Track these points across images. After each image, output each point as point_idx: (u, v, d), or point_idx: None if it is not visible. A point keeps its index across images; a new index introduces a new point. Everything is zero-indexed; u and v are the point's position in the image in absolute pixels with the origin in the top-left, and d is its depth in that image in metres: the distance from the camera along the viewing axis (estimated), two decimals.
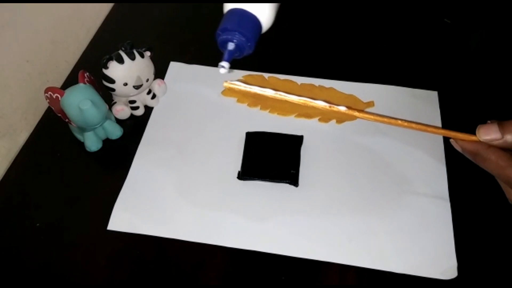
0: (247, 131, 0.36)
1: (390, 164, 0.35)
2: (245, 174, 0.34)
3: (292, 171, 0.34)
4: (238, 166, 0.35)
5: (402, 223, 0.31)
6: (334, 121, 0.38)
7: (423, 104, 0.39)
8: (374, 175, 0.34)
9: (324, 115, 0.38)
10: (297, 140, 0.36)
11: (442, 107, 0.39)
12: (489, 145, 0.24)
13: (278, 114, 0.38)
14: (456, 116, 0.38)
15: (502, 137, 0.23)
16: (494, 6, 0.47)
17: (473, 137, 0.24)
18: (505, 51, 0.44)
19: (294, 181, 0.33)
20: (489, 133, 0.24)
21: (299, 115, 0.38)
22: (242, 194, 0.33)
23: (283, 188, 0.33)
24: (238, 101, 0.39)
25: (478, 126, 0.24)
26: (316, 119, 0.38)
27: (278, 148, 0.35)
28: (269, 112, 0.39)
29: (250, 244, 0.30)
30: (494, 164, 0.23)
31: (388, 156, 0.35)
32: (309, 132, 0.37)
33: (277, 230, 0.31)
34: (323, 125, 0.38)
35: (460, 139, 0.25)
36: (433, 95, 0.40)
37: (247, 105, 0.39)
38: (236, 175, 0.34)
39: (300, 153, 0.35)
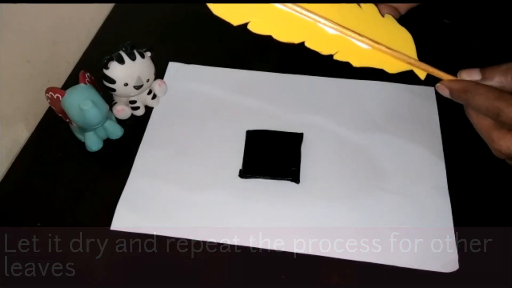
0: (247, 129, 0.37)
1: (390, 160, 0.35)
2: (246, 172, 0.34)
3: (293, 168, 0.34)
4: (239, 165, 0.35)
5: (402, 217, 0.32)
6: (336, 118, 0.38)
7: (421, 100, 0.39)
8: (374, 171, 0.34)
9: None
10: (297, 138, 0.36)
11: (439, 103, 0.39)
12: (477, 82, 0.24)
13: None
14: (454, 112, 0.39)
15: (483, 79, 0.24)
16: (493, 6, 0.48)
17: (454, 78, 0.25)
18: (502, 47, 0.45)
19: (296, 178, 0.33)
20: (470, 75, 0.25)
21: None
22: (244, 192, 0.33)
23: (285, 185, 0.34)
24: (225, 16, 0.26)
25: (460, 70, 0.25)
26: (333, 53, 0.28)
27: (279, 146, 0.35)
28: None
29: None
30: (483, 97, 0.23)
31: (387, 152, 0.36)
32: (309, 129, 0.37)
33: (280, 227, 0.31)
34: (322, 122, 0.38)
35: (441, 76, 0.26)
36: (430, 91, 0.40)
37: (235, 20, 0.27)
38: (238, 173, 0.34)
39: (300, 150, 0.35)
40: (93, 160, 0.36)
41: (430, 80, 0.42)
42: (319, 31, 0.26)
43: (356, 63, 0.27)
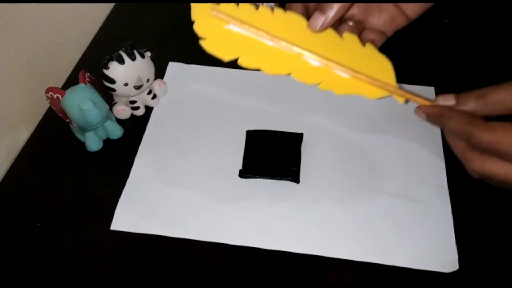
0: (247, 129, 0.37)
1: (390, 160, 0.35)
2: (246, 172, 0.34)
3: (293, 168, 0.34)
4: (239, 165, 0.35)
5: (403, 217, 0.32)
6: (335, 117, 0.38)
7: None
8: (374, 171, 0.34)
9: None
10: (297, 138, 0.36)
11: None
12: (451, 107, 0.26)
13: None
14: None
15: (457, 104, 0.26)
16: (493, 6, 0.48)
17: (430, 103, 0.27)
18: (501, 47, 0.45)
19: (296, 178, 0.33)
20: (446, 100, 0.26)
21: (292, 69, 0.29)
22: (244, 192, 0.33)
23: (285, 185, 0.34)
24: (217, 53, 0.27)
25: (437, 96, 0.27)
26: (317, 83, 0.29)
27: (279, 146, 0.35)
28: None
29: (253, 241, 0.30)
30: (456, 121, 0.25)
31: (387, 152, 0.36)
32: (309, 129, 0.37)
33: (280, 227, 0.31)
34: (322, 122, 0.38)
35: (418, 102, 0.27)
36: (430, 91, 0.40)
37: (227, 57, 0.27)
38: (238, 174, 0.34)
39: (300, 150, 0.35)
40: (93, 160, 0.36)
41: (430, 80, 0.42)
42: (303, 63, 0.28)
43: (338, 91, 0.29)
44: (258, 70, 0.28)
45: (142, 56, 0.37)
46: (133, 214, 0.32)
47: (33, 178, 0.35)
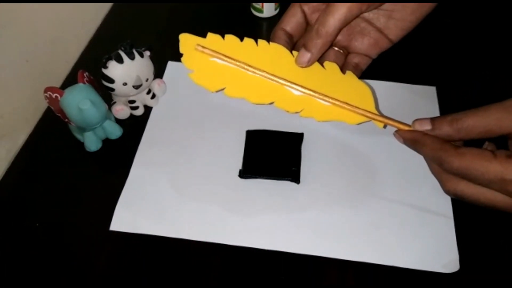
0: (247, 129, 0.37)
1: (390, 160, 0.35)
2: (246, 172, 0.34)
3: (293, 168, 0.34)
4: (239, 165, 0.35)
5: (403, 217, 0.32)
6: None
7: (422, 99, 0.39)
8: (375, 171, 0.34)
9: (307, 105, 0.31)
10: (297, 138, 0.36)
11: (440, 102, 0.39)
12: (425, 133, 0.27)
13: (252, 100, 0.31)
14: (455, 111, 0.39)
15: (432, 129, 0.27)
16: (494, 5, 0.48)
17: (409, 128, 0.28)
18: (503, 46, 0.44)
19: (296, 178, 0.33)
20: (422, 125, 0.27)
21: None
22: (244, 192, 0.33)
23: (285, 185, 0.33)
24: (204, 85, 0.30)
25: (414, 120, 0.28)
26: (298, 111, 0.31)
27: (279, 146, 0.35)
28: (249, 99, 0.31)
29: (252, 242, 0.30)
30: (429, 147, 0.26)
31: (388, 152, 0.35)
32: (309, 129, 0.37)
33: (280, 227, 0.31)
34: (323, 122, 0.38)
35: (396, 126, 0.28)
36: (431, 91, 0.40)
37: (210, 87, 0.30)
38: (238, 174, 0.34)
39: (300, 150, 0.35)
40: (92, 160, 0.36)
41: (432, 80, 0.42)
42: (285, 93, 0.29)
43: (319, 118, 0.30)
44: (243, 99, 0.29)
45: (141, 56, 0.36)
46: (132, 214, 0.32)
47: (32, 178, 0.35)
